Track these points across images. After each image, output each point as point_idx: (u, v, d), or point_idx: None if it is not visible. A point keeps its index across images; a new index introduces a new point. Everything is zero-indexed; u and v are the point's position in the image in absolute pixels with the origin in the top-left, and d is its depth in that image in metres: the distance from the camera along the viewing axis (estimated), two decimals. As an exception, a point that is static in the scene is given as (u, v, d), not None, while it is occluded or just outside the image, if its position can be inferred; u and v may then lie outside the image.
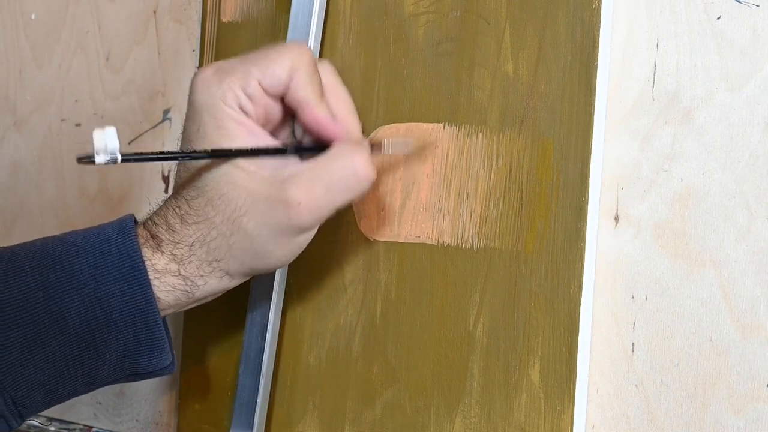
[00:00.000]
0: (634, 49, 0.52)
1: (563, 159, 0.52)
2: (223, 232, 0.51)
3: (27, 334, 0.50)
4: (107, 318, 0.51)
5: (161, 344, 0.52)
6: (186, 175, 0.52)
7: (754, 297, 0.48)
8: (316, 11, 0.60)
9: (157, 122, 0.74)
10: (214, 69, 0.52)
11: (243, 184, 0.50)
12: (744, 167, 0.49)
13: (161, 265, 0.51)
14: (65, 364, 0.51)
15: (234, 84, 0.51)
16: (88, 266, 0.51)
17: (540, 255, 0.53)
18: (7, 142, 0.83)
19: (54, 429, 0.78)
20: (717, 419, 0.48)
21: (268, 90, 0.51)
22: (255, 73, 0.51)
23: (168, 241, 0.51)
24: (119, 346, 0.51)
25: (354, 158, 0.51)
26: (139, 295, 0.51)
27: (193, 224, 0.51)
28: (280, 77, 0.51)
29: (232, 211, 0.51)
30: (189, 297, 0.52)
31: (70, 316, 0.50)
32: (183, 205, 0.52)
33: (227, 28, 0.67)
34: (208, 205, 0.51)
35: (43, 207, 0.81)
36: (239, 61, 0.52)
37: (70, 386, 0.52)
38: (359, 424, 0.59)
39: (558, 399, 0.51)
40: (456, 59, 0.56)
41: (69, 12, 0.80)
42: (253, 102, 0.51)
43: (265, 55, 0.52)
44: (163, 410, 0.72)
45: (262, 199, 0.50)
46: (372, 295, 0.59)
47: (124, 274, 0.51)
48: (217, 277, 0.53)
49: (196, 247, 0.51)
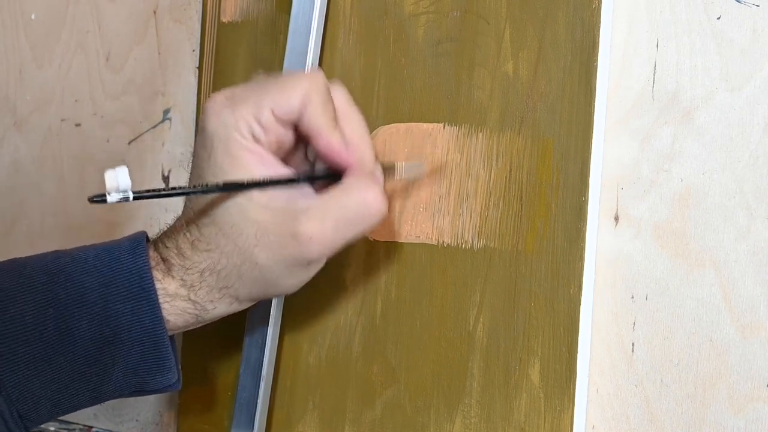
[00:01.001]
0: (634, 49, 0.52)
1: (563, 159, 0.52)
2: (233, 261, 0.51)
3: (36, 350, 0.50)
4: (115, 336, 0.51)
5: (168, 364, 0.52)
6: (198, 203, 0.52)
7: (754, 297, 0.48)
8: (316, 11, 0.60)
9: (157, 122, 0.74)
10: (227, 96, 0.51)
11: (255, 216, 0.50)
12: (744, 167, 0.49)
13: (172, 290, 0.51)
14: (72, 380, 0.51)
15: (247, 113, 0.50)
16: (99, 285, 0.51)
17: (540, 255, 0.53)
18: (7, 142, 0.83)
19: (54, 429, 0.78)
20: (717, 419, 0.48)
21: (281, 119, 0.51)
22: (268, 102, 0.50)
23: (179, 266, 0.52)
24: (126, 365, 0.52)
25: (366, 192, 0.50)
26: (148, 316, 0.51)
27: (204, 251, 0.51)
28: (294, 106, 0.50)
29: (243, 241, 0.51)
30: (198, 319, 0.53)
31: (78, 334, 0.50)
32: (194, 231, 0.52)
33: (227, 28, 0.67)
34: (220, 234, 0.51)
35: (43, 207, 0.81)
36: (252, 88, 0.52)
37: (76, 401, 0.52)
38: (359, 424, 0.59)
39: (558, 399, 0.51)
40: (456, 59, 0.56)
41: (69, 12, 0.80)
42: (266, 131, 0.51)
43: (278, 83, 0.51)
44: (163, 410, 0.72)
45: (273, 232, 0.50)
46: (372, 295, 0.59)
47: (134, 293, 0.51)
48: (227, 303, 0.53)
49: (207, 274, 0.52)
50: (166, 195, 0.51)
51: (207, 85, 0.68)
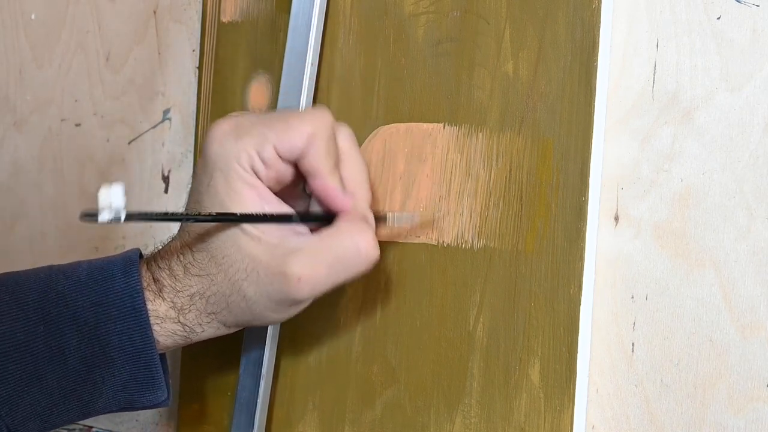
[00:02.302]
0: (634, 49, 0.52)
1: (563, 159, 0.52)
2: (222, 290, 0.52)
3: (26, 367, 0.50)
4: (105, 355, 0.51)
5: (158, 383, 0.53)
6: (195, 227, 0.52)
7: (754, 297, 0.48)
8: (316, 11, 0.60)
9: (157, 122, 0.74)
10: (233, 125, 0.52)
11: (247, 250, 0.51)
12: (744, 167, 0.49)
13: (162, 312, 0.52)
14: (62, 397, 0.51)
15: (249, 145, 0.51)
16: (91, 304, 0.51)
17: (540, 255, 0.53)
18: (7, 142, 0.83)
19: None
20: (717, 419, 0.48)
21: (283, 156, 0.51)
22: (272, 138, 0.51)
23: (170, 287, 0.52)
24: (115, 383, 0.52)
25: (359, 238, 0.51)
26: (138, 336, 0.51)
27: (195, 276, 0.52)
28: (297, 146, 0.51)
29: (233, 273, 0.51)
30: (186, 340, 0.53)
31: (69, 352, 0.51)
32: (188, 255, 0.52)
33: (227, 28, 0.67)
34: (211, 261, 0.51)
35: (43, 207, 0.81)
36: (259, 121, 0.52)
37: (66, 416, 0.52)
38: (359, 424, 0.59)
39: (558, 399, 0.51)
40: (456, 59, 0.56)
41: (69, 12, 0.80)
42: (267, 166, 0.51)
43: (285, 120, 0.52)
44: (163, 410, 0.72)
45: (263, 268, 0.50)
46: (372, 295, 0.59)
47: (125, 313, 0.51)
48: (214, 327, 0.53)
49: (196, 299, 0.52)
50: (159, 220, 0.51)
51: (207, 85, 0.68)
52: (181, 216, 0.52)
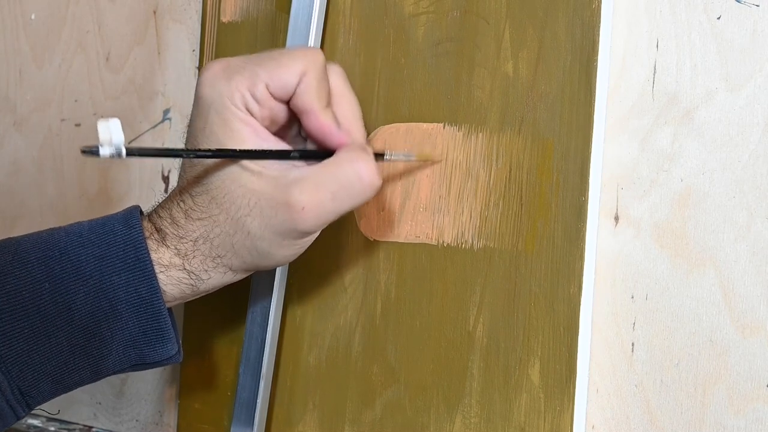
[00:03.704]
0: (634, 49, 0.52)
1: (563, 159, 0.52)
2: (226, 230, 0.51)
3: (33, 325, 0.50)
4: (113, 309, 0.51)
5: (167, 334, 0.52)
6: (191, 172, 0.52)
7: (754, 297, 0.48)
8: (316, 11, 0.60)
9: (157, 122, 0.74)
10: (224, 66, 0.51)
11: (248, 185, 0.50)
12: (744, 167, 0.49)
13: (166, 259, 0.52)
14: (71, 355, 0.51)
15: (241, 84, 0.50)
16: (94, 258, 0.51)
17: (540, 255, 0.53)
18: (7, 142, 0.83)
19: (54, 429, 0.78)
20: (717, 419, 0.48)
21: (275, 94, 0.51)
22: (263, 76, 0.51)
23: (172, 235, 0.52)
24: (125, 337, 0.52)
25: (360, 164, 0.50)
26: (144, 286, 0.51)
27: (197, 220, 0.51)
28: (288, 83, 0.51)
29: (236, 210, 0.51)
30: (194, 290, 0.53)
31: (75, 307, 0.50)
32: (188, 200, 0.52)
33: (227, 28, 0.67)
34: (212, 202, 0.51)
35: (43, 207, 0.81)
36: (249, 60, 0.52)
37: (77, 376, 0.52)
38: (359, 424, 0.59)
39: (558, 399, 0.51)
40: (456, 59, 0.56)
41: (69, 12, 0.80)
42: (260, 104, 0.51)
43: (275, 57, 0.51)
44: (163, 410, 0.72)
45: (266, 201, 0.50)
46: (372, 295, 0.59)
47: (129, 265, 0.51)
48: (221, 272, 0.53)
49: (200, 243, 0.52)
50: (159, 154, 0.51)
51: (207, 85, 0.68)
52: (182, 151, 0.51)
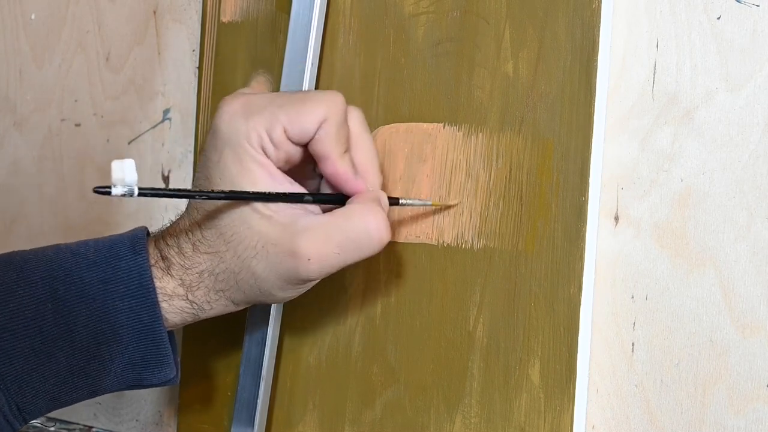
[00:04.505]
0: (634, 49, 0.52)
1: (563, 159, 0.52)
2: (231, 267, 0.51)
3: (35, 344, 0.50)
4: (114, 332, 0.51)
5: (166, 360, 0.53)
6: (204, 204, 0.52)
7: (754, 297, 0.48)
8: (316, 11, 0.60)
9: (157, 122, 0.74)
10: (243, 103, 0.51)
11: (257, 228, 0.50)
12: (744, 167, 0.49)
13: (170, 289, 0.52)
14: (70, 374, 0.51)
15: (259, 125, 0.50)
16: (98, 281, 0.51)
17: (540, 255, 0.53)
18: (7, 142, 0.83)
19: (54, 429, 0.78)
20: (717, 419, 0.48)
21: (293, 138, 0.51)
22: (282, 120, 0.50)
23: (178, 265, 0.52)
24: (124, 360, 0.52)
25: (369, 219, 0.50)
26: (147, 314, 0.51)
27: (204, 254, 0.52)
28: (307, 129, 0.50)
29: (243, 250, 0.51)
30: (195, 318, 0.53)
31: (77, 329, 0.51)
32: (197, 232, 0.52)
33: (227, 28, 0.67)
34: (221, 239, 0.51)
35: (43, 207, 0.81)
36: (269, 101, 0.51)
37: (75, 394, 0.52)
38: (359, 424, 0.59)
39: (558, 399, 0.51)
40: (456, 59, 0.56)
41: (69, 12, 0.80)
42: (276, 147, 0.51)
43: (296, 101, 0.51)
44: (163, 410, 0.72)
45: (273, 247, 0.50)
46: (372, 295, 0.59)
47: (132, 291, 0.51)
48: (223, 305, 0.53)
49: (205, 276, 0.52)
50: (171, 195, 0.51)
51: (207, 85, 0.68)
52: (195, 193, 0.51)
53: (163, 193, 0.51)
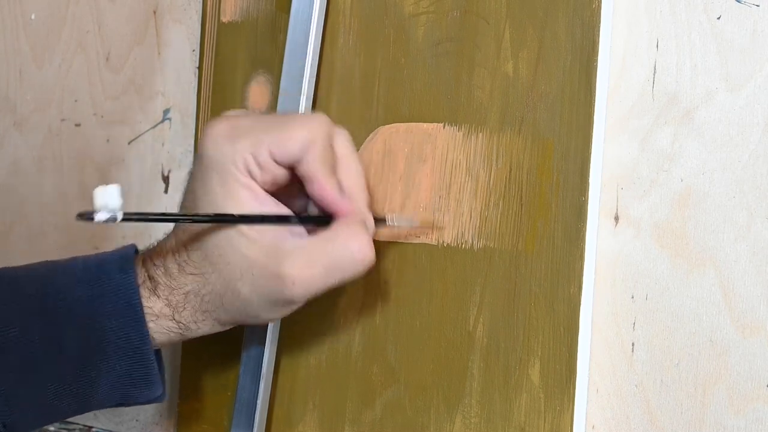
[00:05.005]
0: (634, 49, 0.52)
1: (563, 159, 0.52)
2: (217, 289, 0.52)
3: (23, 360, 0.50)
4: (101, 350, 0.51)
5: (153, 378, 0.53)
6: (191, 227, 0.52)
7: (754, 297, 0.48)
8: (316, 11, 0.60)
9: (157, 122, 0.74)
10: (229, 126, 0.52)
11: (242, 250, 0.51)
12: (744, 167, 0.49)
13: (157, 309, 0.52)
14: (58, 390, 0.51)
15: (245, 149, 0.51)
16: (87, 298, 0.51)
17: (540, 255, 0.53)
18: (7, 142, 0.83)
19: (54, 429, 0.78)
20: (717, 419, 0.48)
21: (279, 161, 0.51)
22: (268, 143, 0.51)
23: (164, 285, 0.52)
24: (111, 378, 0.52)
25: (353, 242, 0.51)
26: (134, 332, 0.52)
27: (189, 275, 0.52)
28: (293, 152, 0.51)
29: (228, 272, 0.51)
30: (182, 337, 0.54)
31: (65, 345, 0.51)
32: (183, 253, 0.52)
33: (227, 28, 0.67)
34: (206, 260, 0.52)
35: (43, 207, 0.81)
36: (256, 124, 0.52)
37: (62, 411, 0.53)
38: (359, 424, 0.59)
39: (558, 399, 0.51)
40: (456, 59, 0.56)
41: (69, 12, 0.80)
42: (262, 169, 0.51)
43: (281, 124, 0.52)
44: (163, 410, 0.72)
45: (258, 270, 0.51)
46: (372, 295, 0.59)
47: (120, 310, 0.51)
48: (209, 324, 0.54)
49: (191, 297, 0.52)
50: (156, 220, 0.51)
51: (207, 85, 0.68)
52: (179, 216, 0.52)
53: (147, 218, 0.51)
